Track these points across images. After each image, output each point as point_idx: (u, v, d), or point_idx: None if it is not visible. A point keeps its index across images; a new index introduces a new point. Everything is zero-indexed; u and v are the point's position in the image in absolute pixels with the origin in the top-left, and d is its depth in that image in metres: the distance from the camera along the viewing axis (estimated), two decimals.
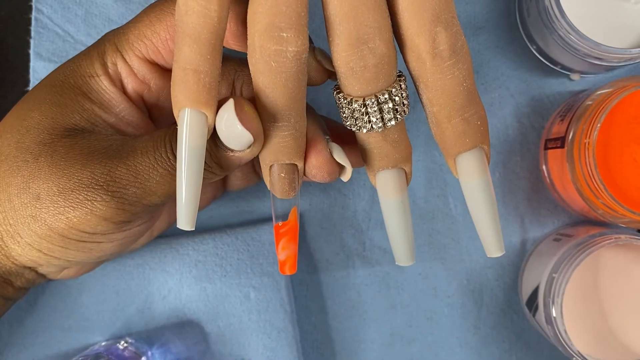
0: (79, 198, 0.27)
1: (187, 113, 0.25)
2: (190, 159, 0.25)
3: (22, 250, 0.28)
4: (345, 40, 0.25)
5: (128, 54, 0.29)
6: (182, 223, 0.25)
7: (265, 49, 0.24)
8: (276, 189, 0.27)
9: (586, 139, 0.33)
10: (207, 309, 0.37)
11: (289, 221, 0.29)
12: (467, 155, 0.27)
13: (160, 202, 0.28)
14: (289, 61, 0.24)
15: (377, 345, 0.39)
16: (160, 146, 0.27)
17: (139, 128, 0.30)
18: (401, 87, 0.26)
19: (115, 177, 0.27)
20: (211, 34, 0.24)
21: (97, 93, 0.29)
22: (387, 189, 0.28)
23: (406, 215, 0.28)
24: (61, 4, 0.39)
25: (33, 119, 0.28)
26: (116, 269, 0.37)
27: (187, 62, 0.24)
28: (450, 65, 0.25)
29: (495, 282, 0.40)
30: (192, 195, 0.25)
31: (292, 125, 0.26)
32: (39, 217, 0.27)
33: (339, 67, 0.25)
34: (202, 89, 0.24)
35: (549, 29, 0.35)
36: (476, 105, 0.27)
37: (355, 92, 0.26)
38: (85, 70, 0.29)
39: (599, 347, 0.35)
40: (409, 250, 0.28)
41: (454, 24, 0.25)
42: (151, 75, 0.30)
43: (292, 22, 0.24)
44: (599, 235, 0.35)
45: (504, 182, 0.39)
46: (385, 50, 0.25)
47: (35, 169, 0.27)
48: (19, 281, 0.30)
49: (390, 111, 0.26)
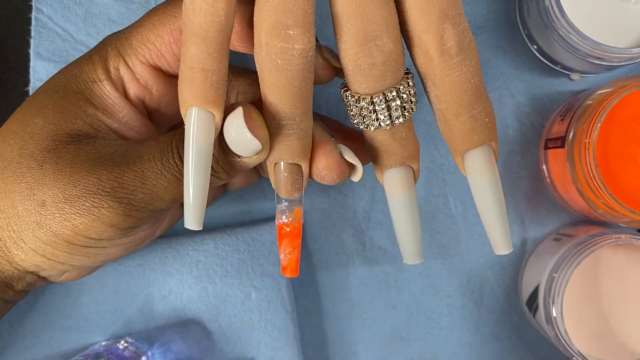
0: (86, 205, 0.27)
1: (194, 112, 0.24)
2: (197, 158, 0.24)
3: (25, 256, 0.28)
4: (352, 38, 0.24)
5: (131, 59, 0.29)
6: (189, 223, 0.25)
7: (272, 47, 0.24)
8: (280, 188, 0.27)
9: (586, 139, 0.33)
10: (207, 309, 0.37)
11: (292, 223, 0.28)
12: (475, 152, 0.27)
13: (166, 207, 0.28)
14: (295, 59, 0.24)
15: (377, 345, 0.39)
16: (168, 151, 0.27)
17: (142, 133, 0.30)
18: (409, 84, 0.26)
19: (123, 183, 0.27)
20: (218, 32, 0.24)
21: (100, 98, 0.29)
22: (395, 187, 0.28)
23: (414, 213, 0.28)
24: (61, 3, 0.39)
25: (36, 125, 0.28)
26: (116, 269, 0.37)
27: (195, 61, 0.24)
28: (458, 62, 0.25)
29: (495, 282, 0.40)
30: (200, 195, 0.25)
31: (297, 125, 0.26)
32: (44, 224, 0.27)
33: (347, 64, 0.25)
34: (210, 88, 0.24)
35: (549, 28, 0.35)
36: (484, 102, 0.27)
37: (363, 90, 0.26)
38: (88, 76, 0.29)
39: (599, 347, 0.35)
40: (417, 249, 0.28)
41: (461, 20, 0.25)
42: (153, 80, 0.30)
43: (298, 19, 0.24)
44: (599, 235, 0.35)
45: (504, 181, 0.39)
46: (393, 48, 0.25)
47: (39, 175, 0.27)
48: (20, 285, 0.30)
49: (398, 109, 0.26)
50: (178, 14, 0.28)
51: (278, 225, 0.29)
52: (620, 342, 0.35)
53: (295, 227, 0.28)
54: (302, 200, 0.28)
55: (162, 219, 0.33)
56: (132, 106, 0.30)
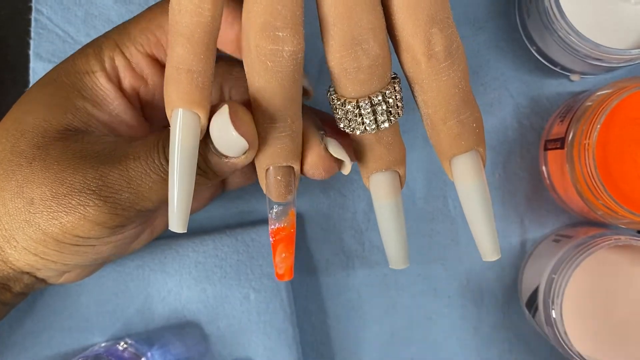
0: (72, 203, 0.26)
1: (179, 113, 0.24)
2: (182, 160, 0.24)
3: (19, 255, 0.28)
4: (339, 41, 0.24)
5: (128, 48, 0.29)
6: (174, 225, 0.25)
7: (261, 49, 0.24)
8: (272, 192, 0.27)
9: (586, 140, 0.33)
10: (206, 310, 0.37)
11: (286, 227, 0.28)
12: (462, 157, 0.27)
13: (153, 208, 0.28)
14: (285, 61, 0.24)
15: (377, 346, 0.39)
16: (153, 152, 0.26)
17: (132, 127, 0.30)
18: (395, 89, 0.26)
19: (108, 182, 0.26)
20: (204, 33, 0.24)
21: (90, 90, 0.29)
22: (381, 191, 0.28)
23: (400, 218, 0.28)
24: (61, 4, 0.39)
25: (27, 123, 0.28)
26: (116, 270, 0.37)
27: (180, 62, 0.24)
28: (445, 66, 0.25)
29: (495, 282, 0.40)
30: (184, 198, 0.24)
31: (288, 127, 0.26)
32: (33, 222, 0.27)
33: (333, 68, 0.25)
34: (195, 89, 0.24)
35: (549, 29, 0.35)
36: (472, 107, 0.26)
37: (349, 94, 0.26)
38: (80, 68, 0.29)
39: (599, 348, 0.35)
40: (403, 253, 0.28)
41: (449, 25, 0.25)
42: (149, 70, 0.30)
43: (287, 21, 0.24)
44: (598, 236, 0.35)
45: (504, 182, 0.39)
46: (380, 52, 0.25)
47: (29, 173, 0.27)
48: (18, 286, 0.30)
49: (383, 113, 0.26)
50: None
51: (272, 231, 0.28)
52: (620, 343, 0.35)
53: (290, 231, 0.28)
54: (295, 202, 0.28)
55: (153, 218, 0.33)
56: (125, 98, 0.30)
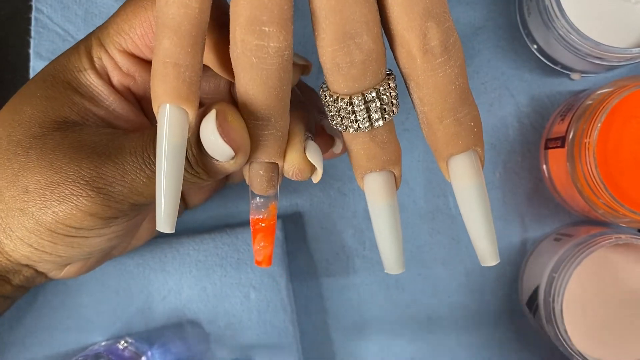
0: (65, 192, 0.26)
1: (167, 109, 0.24)
2: (170, 157, 0.24)
3: (14, 245, 0.28)
4: (331, 35, 0.23)
5: (110, 47, 0.29)
6: (161, 225, 0.24)
7: (247, 43, 0.23)
8: (254, 185, 0.27)
9: (586, 139, 0.33)
10: (207, 309, 0.37)
11: (267, 218, 0.28)
12: (459, 157, 0.26)
13: (147, 202, 0.27)
14: (270, 57, 0.24)
15: (377, 345, 0.39)
16: (149, 147, 0.26)
17: (130, 120, 0.30)
18: (390, 85, 0.25)
19: (102, 173, 0.26)
20: (192, 25, 0.23)
21: (85, 87, 0.29)
22: (375, 192, 0.27)
23: (395, 221, 0.27)
24: (61, 3, 0.39)
25: (25, 113, 0.28)
26: (116, 268, 0.37)
27: (167, 56, 0.23)
28: (441, 62, 0.24)
29: (495, 282, 0.40)
30: (172, 196, 0.24)
31: (272, 125, 0.25)
32: (27, 211, 0.27)
33: (325, 63, 0.24)
34: (182, 84, 0.24)
35: (550, 28, 0.35)
36: (469, 106, 0.25)
37: (342, 90, 0.25)
38: (74, 65, 0.29)
39: (599, 347, 0.35)
40: (399, 258, 0.27)
41: (446, 19, 0.24)
42: (134, 67, 0.29)
43: (274, 16, 0.23)
44: (599, 235, 0.35)
45: (504, 182, 0.39)
46: (373, 46, 0.24)
47: (25, 162, 0.27)
48: (17, 279, 0.30)
49: (377, 110, 0.25)
50: (148, 6, 0.28)
51: (252, 220, 0.28)
52: (621, 342, 0.35)
53: (270, 223, 0.27)
54: (277, 196, 0.27)
55: (147, 212, 0.33)
56: (118, 94, 0.29)
